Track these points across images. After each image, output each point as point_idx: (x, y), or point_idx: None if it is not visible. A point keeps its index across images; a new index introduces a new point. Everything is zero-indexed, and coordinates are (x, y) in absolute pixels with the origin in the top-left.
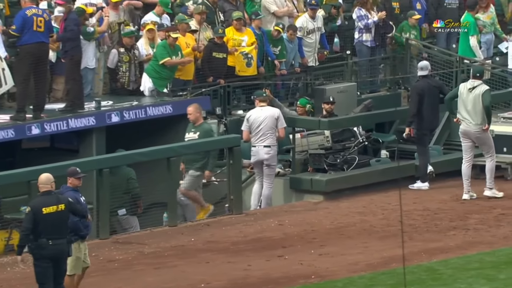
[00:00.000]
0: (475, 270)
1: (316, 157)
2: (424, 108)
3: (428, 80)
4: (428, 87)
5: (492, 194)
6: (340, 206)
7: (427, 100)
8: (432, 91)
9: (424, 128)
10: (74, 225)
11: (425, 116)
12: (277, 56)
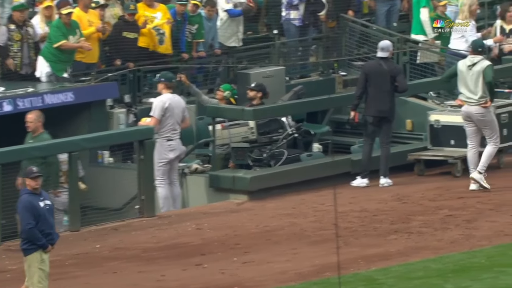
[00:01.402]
0: (419, 280)
1: (239, 152)
2: (370, 91)
3: (381, 62)
4: (379, 70)
5: (479, 179)
6: (267, 207)
7: (374, 84)
8: (382, 74)
9: (367, 113)
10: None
11: (370, 100)
12: (194, 35)
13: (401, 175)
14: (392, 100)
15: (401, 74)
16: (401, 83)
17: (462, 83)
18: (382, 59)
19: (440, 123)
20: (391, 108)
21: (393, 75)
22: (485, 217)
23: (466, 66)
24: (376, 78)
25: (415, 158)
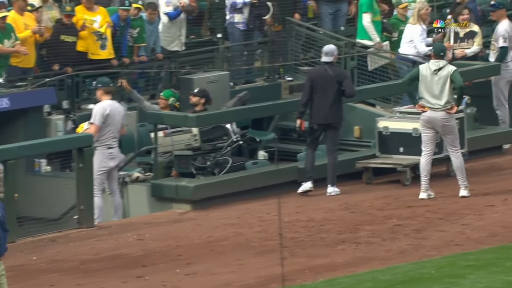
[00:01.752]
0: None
1: (182, 159)
2: (315, 98)
3: (327, 67)
4: (324, 75)
5: (468, 194)
6: (211, 217)
7: (320, 90)
8: (328, 80)
9: (313, 121)
10: None
11: (315, 107)
12: (135, 39)
13: (349, 183)
14: (339, 106)
15: (348, 79)
16: (348, 87)
17: (426, 88)
18: (327, 64)
19: (388, 130)
20: (338, 114)
21: (339, 80)
22: (435, 227)
23: (430, 71)
24: (321, 84)
25: (363, 166)
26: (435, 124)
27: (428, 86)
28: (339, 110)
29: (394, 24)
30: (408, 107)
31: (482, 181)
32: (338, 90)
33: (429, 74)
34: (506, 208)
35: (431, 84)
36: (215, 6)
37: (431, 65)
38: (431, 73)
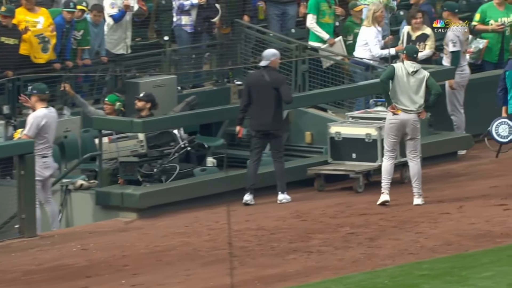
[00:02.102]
0: None
1: (128, 166)
2: (253, 104)
3: (264, 72)
4: (260, 81)
5: (423, 202)
6: (157, 226)
7: (257, 95)
8: (264, 85)
9: (251, 128)
10: None
11: (253, 114)
12: (79, 42)
13: (300, 190)
14: (278, 113)
15: (284, 85)
16: (284, 94)
17: (400, 90)
18: (265, 68)
19: (341, 135)
20: (276, 121)
21: (275, 87)
22: (388, 235)
23: (406, 72)
24: (258, 90)
25: (315, 172)
26: (407, 126)
27: (402, 87)
28: (277, 117)
29: (349, 27)
30: (361, 112)
31: (436, 188)
32: (275, 96)
33: (404, 75)
34: (461, 215)
35: (406, 86)
36: (161, 8)
37: (408, 66)
38: (407, 74)
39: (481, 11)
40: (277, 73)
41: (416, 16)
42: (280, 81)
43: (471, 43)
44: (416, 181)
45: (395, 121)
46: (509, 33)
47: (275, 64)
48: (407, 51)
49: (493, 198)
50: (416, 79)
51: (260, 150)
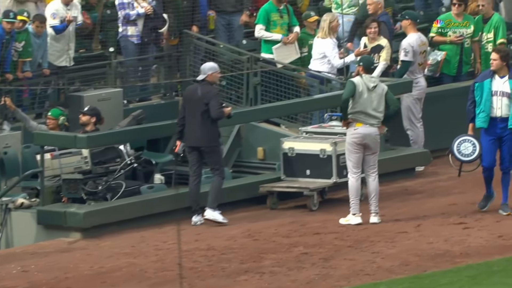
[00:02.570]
0: None
1: (72, 184)
2: (187, 119)
3: (199, 87)
4: (193, 96)
5: (379, 220)
6: (102, 246)
7: (189, 110)
8: (196, 101)
9: (186, 143)
10: None
11: (186, 129)
12: (20, 54)
13: (252, 208)
14: (211, 129)
15: (213, 100)
16: (212, 109)
17: (361, 106)
18: (200, 83)
19: (294, 151)
20: (209, 137)
21: (206, 101)
22: (344, 255)
23: (366, 88)
24: (190, 104)
25: (268, 190)
26: (369, 140)
27: (364, 103)
28: (210, 132)
29: (303, 39)
30: (315, 127)
31: (393, 206)
32: (206, 111)
33: (365, 90)
34: (419, 235)
35: (368, 101)
36: (106, 18)
37: (367, 81)
38: (367, 90)
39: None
40: (210, 87)
41: (370, 26)
42: (211, 95)
43: (428, 55)
44: (373, 198)
45: (357, 135)
46: (468, 44)
47: (212, 79)
48: (363, 64)
49: (452, 216)
50: (376, 94)
51: (198, 166)
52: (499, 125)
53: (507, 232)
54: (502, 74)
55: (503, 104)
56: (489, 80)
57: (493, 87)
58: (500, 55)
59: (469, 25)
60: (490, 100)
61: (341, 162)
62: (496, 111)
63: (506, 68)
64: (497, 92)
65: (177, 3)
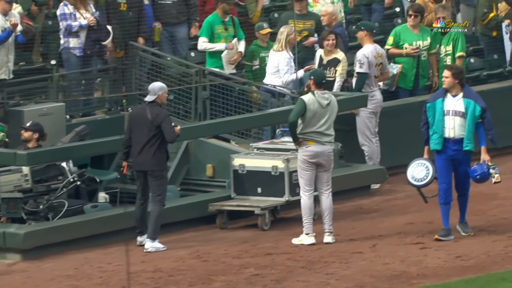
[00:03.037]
0: None
1: (11, 203)
2: (133, 141)
3: (148, 108)
4: (141, 117)
5: (333, 240)
6: (44, 268)
7: (137, 133)
8: (145, 122)
9: (133, 166)
10: None
11: (133, 151)
12: None
13: (201, 228)
14: (159, 153)
15: (166, 123)
16: (167, 133)
17: (313, 125)
18: (149, 104)
19: (245, 168)
20: (156, 161)
21: (157, 124)
22: (296, 276)
23: (319, 106)
24: (138, 127)
25: (217, 209)
26: (322, 158)
27: (315, 121)
28: (158, 156)
29: (254, 51)
30: (267, 143)
31: (348, 225)
32: (156, 134)
33: (317, 108)
34: (375, 255)
35: (320, 119)
36: (48, 29)
37: (320, 98)
38: (320, 108)
39: (395, 34)
40: (160, 109)
41: (327, 38)
42: (162, 118)
43: None
44: (327, 217)
45: (309, 153)
46: (425, 57)
47: (162, 99)
48: (315, 78)
49: (408, 235)
50: (329, 111)
51: (145, 189)
52: (453, 146)
53: (465, 253)
54: (455, 93)
55: (456, 124)
56: (441, 99)
57: (446, 106)
58: (452, 73)
59: (425, 37)
60: (442, 121)
61: (293, 180)
62: (449, 132)
63: (459, 86)
64: (450, 112)
65: (122, 14)
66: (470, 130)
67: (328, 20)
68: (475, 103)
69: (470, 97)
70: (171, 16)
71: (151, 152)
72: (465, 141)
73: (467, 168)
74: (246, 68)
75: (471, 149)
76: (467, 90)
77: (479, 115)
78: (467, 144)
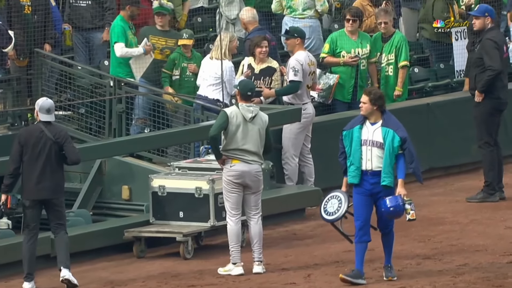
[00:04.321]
0: None
1: None
2: (27, 166)
3: (45, 127)
4: (38, 138)
5: (263, 270)
6: None
7: (32, 157)
8: (43, 144)
9: (26, 196)
10: None
11: (27, 179)
12: None
13: (116, 257)
14: (58, 177)
15: (69, 142)
16: (71, 153)
17: (237, 140)
18: (45, 123)
19: (165, 190)
20: (58, 187)
21: (59, 145)
22: None
23: (243, 119)
24: (34, 149)
25: (134, 235)
26: (249, 179)
27: (240, 137)
28: (59, 181)
29: (176, 60)
30: (189, 162)
31: (280, 252)
32: (57, 156)
33: (241, 122)
34: (310, 286)
35: (244, 135)
36: None
37: (244, 111)
38: (244, 122)
39: (331, 41)
40: (59, 127)
41: (261, 45)
42: (64, 137)
43: (319, 78)
44: (256, 244)
45: (234, 173)
46: (364, 66)
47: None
48: (240, 89)
49: (346, 264)
50: (255, 125)
51: (37, 223)
52: (371, 180)
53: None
54: (374, 120)
55: (373, 155)
56: (358, 127)
57: (363, 135)
58: (370, 98)
59: (365, 44)
60: (359, 151)
61: (219, 203)
62: (366, 164)
63: (379, 113)
64: (367, 142)
65: (26, 18)
66: (388, 163)
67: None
68: (394, 133)
69: (389, 125)
70: (86, 20)
71: (52, 178)
72: (382, 174)
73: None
74: (163, 75)
75: (387, 184)
76: (387, 117)
77: (398, 146)
78: (384, 179)
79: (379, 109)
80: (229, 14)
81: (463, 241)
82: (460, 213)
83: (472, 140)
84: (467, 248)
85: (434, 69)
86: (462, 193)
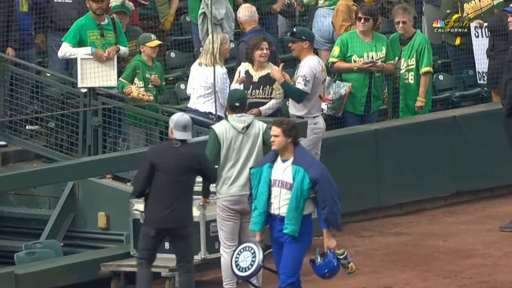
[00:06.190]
0: None
1: None
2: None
3: (178, 147)
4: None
5: None
6: None
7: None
8: (180, 165)
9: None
10: None
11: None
12: None
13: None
14: (190, 203)
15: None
16: (210, 171)
17: (230, 159)
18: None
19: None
20: (188, 216)
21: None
22: None
23: (235, 133)
24: (167, 170)
25: (112, 270)
26: (241, 206)
27: (232, 153)
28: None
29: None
30: None
31: None
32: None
33: (233, 136)
34: None
35: (236, 149)
36: None
37: (235, 122)
38: (236, 135)
39: (341, 43)
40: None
41: (260, 46)
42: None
43: (329, 87)
44: (254, 281)
45: (230, 198)
46: (379, 74)
47: None
48: (228, 99)
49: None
50: (248, 136)
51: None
52: (278, 226)
53: None
54: (286, 157)
55: (281, 198)
56: (268, 165)
57: (273, 175)
58: (283, 129)
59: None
60: (265, 194)
61: (211, 232)
62: (274, 208)
63: (292, 147)
64: (276, 182)
65: None
66: (293, 208)
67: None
68: (305, 172)
69: (300, 163)
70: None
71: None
72: (286, 221)
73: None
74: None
75: (289, 233)
76: (300, 153)
77: (308, 189)
78: (286, 226)
79: (292, 142)
80: (215, 14)
81: (496, 277)
82: (493, 244)
83: (505, 159)
84: (501, 286)
85: (462, 76)
86: (494, 221)
